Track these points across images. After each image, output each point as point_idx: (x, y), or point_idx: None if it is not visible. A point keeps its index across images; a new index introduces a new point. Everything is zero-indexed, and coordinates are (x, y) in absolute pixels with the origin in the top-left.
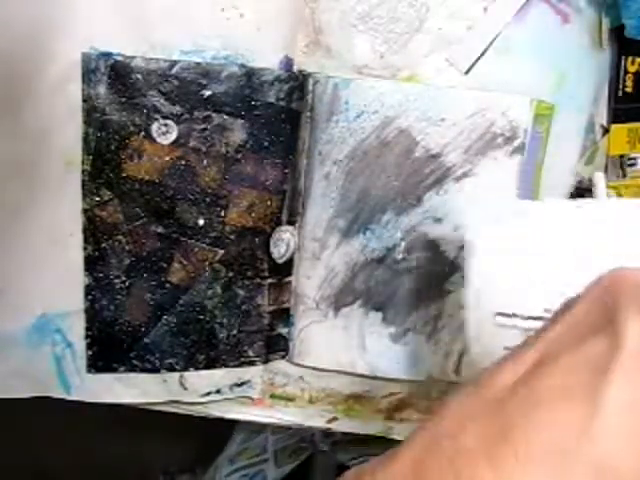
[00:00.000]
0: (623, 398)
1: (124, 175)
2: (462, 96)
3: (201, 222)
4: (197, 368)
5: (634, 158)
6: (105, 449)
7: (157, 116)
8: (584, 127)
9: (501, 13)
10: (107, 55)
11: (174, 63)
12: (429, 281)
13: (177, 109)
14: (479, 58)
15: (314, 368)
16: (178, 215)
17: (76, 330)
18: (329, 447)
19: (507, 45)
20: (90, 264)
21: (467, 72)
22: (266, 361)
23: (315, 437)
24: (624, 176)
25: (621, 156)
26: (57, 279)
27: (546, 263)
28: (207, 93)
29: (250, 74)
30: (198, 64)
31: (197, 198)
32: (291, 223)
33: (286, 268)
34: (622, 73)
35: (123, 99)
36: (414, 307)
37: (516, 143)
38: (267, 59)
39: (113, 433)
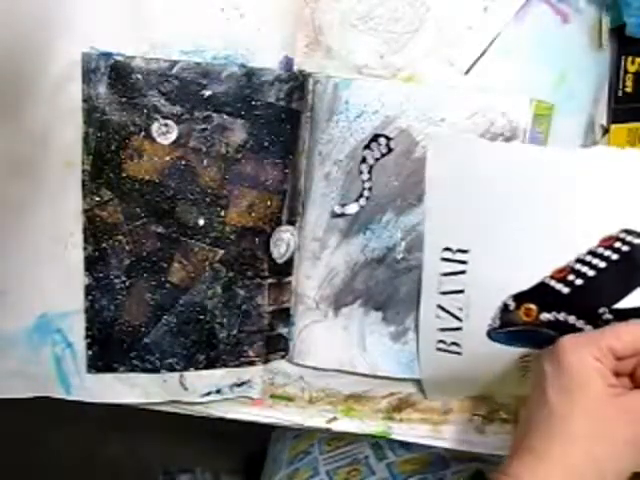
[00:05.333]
0: None
1: (124, 175)
2: (462, 96)
3: (201, 222)
4: (197, 368)
5: None
6: (105, 449)
7: (157, 116)
8: (584, 127)
9: (501, 13)
10: (107, 55)
11: (174, 63)
12: None
13: (177, 109)
14: (479, 58)
15: (314, 368)
16: (178, 215)
17: (76, 330)
18: (385, 469)
19: (507, 45)
20: (90, 264)
21: (467, 72)
22: (266, 361)
23: (370, 459)
24: None
25: None
26: (57, 279)
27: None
28: (207, 93)
29: (250, 74)
30: (198, 64)
31: (197, 198)
32: (291, 223)
33: (286, 268)
34: (622, 73)
35: (123, 99)
36: (414, 307)
37: (516, 143)
38: (267, 59)
39: (113, 433)
